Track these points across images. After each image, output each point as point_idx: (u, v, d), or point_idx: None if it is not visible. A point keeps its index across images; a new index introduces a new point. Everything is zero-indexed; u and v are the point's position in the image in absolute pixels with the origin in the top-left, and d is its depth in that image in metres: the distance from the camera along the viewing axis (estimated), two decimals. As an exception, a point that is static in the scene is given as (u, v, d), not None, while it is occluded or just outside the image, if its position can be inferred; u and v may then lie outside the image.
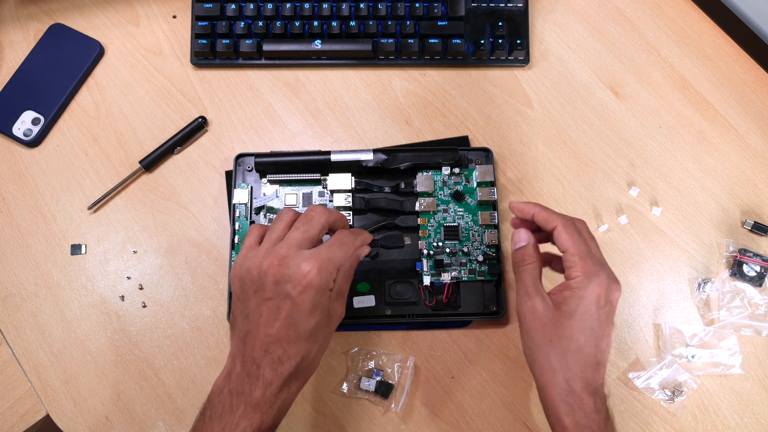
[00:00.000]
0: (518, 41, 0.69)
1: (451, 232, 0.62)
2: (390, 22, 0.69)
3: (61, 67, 0.69)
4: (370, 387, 0.59)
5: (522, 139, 0.68)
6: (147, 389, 0.61)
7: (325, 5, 0.69)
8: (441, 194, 0.64)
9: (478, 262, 0.61)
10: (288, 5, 0.69)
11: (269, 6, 0.69)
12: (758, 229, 0.64)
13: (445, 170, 0.64)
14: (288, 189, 0.64)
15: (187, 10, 0.72)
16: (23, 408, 0.60)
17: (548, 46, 0.72)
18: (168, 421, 0.60)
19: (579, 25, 0.72)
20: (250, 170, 0.65)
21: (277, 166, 0.63)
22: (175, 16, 0.73)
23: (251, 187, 0.64)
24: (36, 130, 0.67)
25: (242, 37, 0.69)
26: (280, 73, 0.71)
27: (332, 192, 0.63)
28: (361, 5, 0.69)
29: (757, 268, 0.62)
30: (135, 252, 0.65)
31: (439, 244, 0.62)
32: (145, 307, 0.63)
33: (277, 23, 0.69)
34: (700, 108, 0.69)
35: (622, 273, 0.64)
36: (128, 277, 0.64)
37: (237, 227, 0.63)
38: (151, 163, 0.67)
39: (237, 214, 0.63)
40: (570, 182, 0.67)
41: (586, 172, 0.67)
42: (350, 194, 0.63)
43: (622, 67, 0.71)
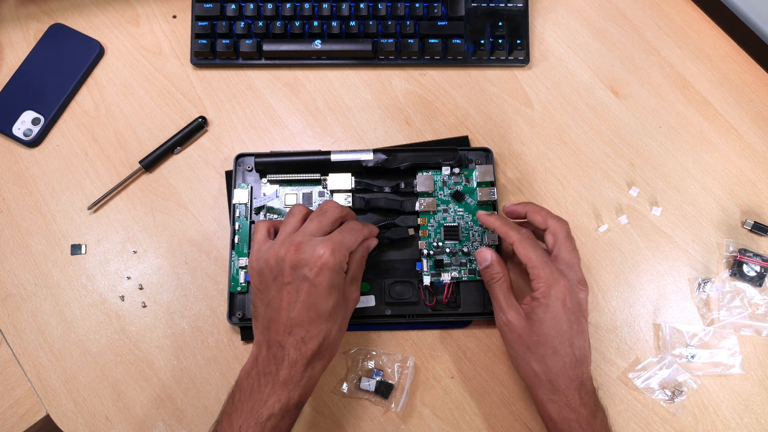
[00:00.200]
0: (518, 41, 0.69)
1: (451, 232, 0.62)
2: (390, 22, 0.69)
3: (61, 67, 0.69)
4: (370, 387, 0.59)
5: (522, 139, 0.68)
6: (147, 389, 0.61)
7: (325, 5, 0.69)
8: (441, 194, 0.64)
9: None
10: (288, 5, 0.69)
11: (269, 6, 0.69)
12: (758, 229, 0.64)
13: (445, 170, 0.64)
14: (288, 189, 0.64)
15: (187, 10, 0.72)
16: (23, 408, 0.60)
17: (548, 46, 0.72)
18: (168, 421, 0.60)
19: (579, 25, 0.72)
20: (250, 170, 0.65)
21: (277, 166, 0.63)
22: (175, 16, 0.73)
23: (251, 187, 0.64)
24: (36, 130, 0.67)
25: (242, 37, 0.69)
26: (280, 73, 0.71)
27: (332, 192, 0.63)
28: (361, 5, 0.69)
29: (757, 268, 0.62)
30: (135, 252, 0.65)
31: (439, 244, 0.62)
32: (145, 307, 0.63)
33: (277, 23, 0.69)
34: (700, 108, 0.69)
35: (622, 273, 0.64)
36: (128, 277, 0.64)
37: (237, 227, 0.63)
38: (151, 163, 0.67)
39: (237, 214, 0.63)
40: (570, 182, 0.67)
41: (586, 172, 0.67)
42: (350, 194, 0.63)
43: (622, 67, 0.71)
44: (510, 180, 0.67)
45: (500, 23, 0.70)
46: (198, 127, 0.68)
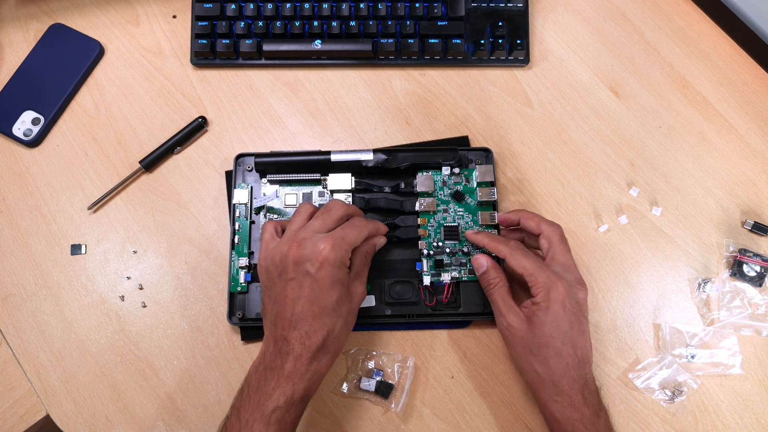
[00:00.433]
0: (518, 41, 0.69)
1: (451, 232, 0.62)
2: (390, 22, 0.69)
3: (61, 67, 0.69)
4: (370, 387, 0.59)
5: (522, 139, 0.68)
6: (147, 389, 0.61)
7: (325, 5, 0.69)
8: (441, 194, 0.64)
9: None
10: (288, 5, 0.69)
11: (269, 6, 0.69)
12: (758, 229, 0.64)
13: (445, 170, 0.64)
14: (288, 189, 0.64)
15: (187, 10, 0.72)
16: (23, 408, 0.60)
17: (548, 46, 0.72)
18: (168, 421, 0.60)
19: (579, 25, 0.72)
20: (250, 170, 0.65)
21: (277, 166, 0.63)
22: (175, 16, 0.73)
23: (251, 187, 0.64)
24: (36, 130, 0.67)
25: (242, 37, 0.69)
26: (280, 73, 0.71)
27: (332, 192, 0.63)
28: (361, 5, 0.69)
29: (757, 268, 0.62)
30: (135, 252, 0.65)
31: (439, 244, 0.62)
32: (145, 307, 0.63)
33: (277, 23, 0.69)
34: (700, 108, 0.69)
35: (622, 273, 0.64)
36: (128, 277, 0.64)
37: (237, 227, 0.63)
38: (151, 163, 0.67)
39: (237, 214, 0.63)
40: (570, 182, 0.67)
41: (586, 172, 0.67)
42: (350, 194, 0.63)
43: (622, 67, 0.71)
44: (510, 180, 0.67)
45: (500, 23, 0.70)
46: (198, 127, 0.68)
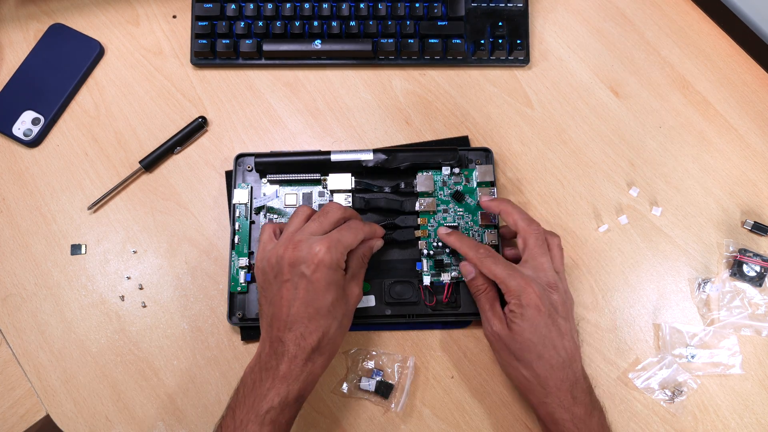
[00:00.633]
0: (518, 41, 0.69)
1: (451, 232, 0.62)
2: (390, 22, 0.69)
3: (61, 67, 0.69)
4: (370, 387, 0.59)
5: (522, 139, 0.68)
6: (147, 389, 0.61)
7: (325, 5, 0.69)
8: (441, 194, 0.64)
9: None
10: (288, 5, 0.69)
11: (269, 6, 0.69)
12: (758, 229, 0.64)
13: (445, 170, 0.64)
14: (288, 189, 0.64)
15: (187, 10, 0.72)
16: (23, 408, 0.60)
17: (548, 46, 0.72)
18: (168, 421, 0.60)
19: (579, 25, 0.72)
20: (250, 170, 0.65)
21: (277, 166, 0.63)
22: (175, 16, 0.73)
23: (251, 187, 0.64)
24: (36, 130, 0.67)
25: (242, 37, 0.69)
26: (280, 73, 0.71)
27: (332, 192, 0.63)
28: (361, 5, 0.69)
29: (757, 268, 0.62)
30: (135, 252, 0.65)
31: (439, 244, 0.62)
32: (145, 307, 0.63)
33: (277, 23, 0.69)
34: (700, 108, 0.69)
35: (622, 273, 0.64)
36: (128, 277, 0.64)
37: (237, 227, 0.63)
38: (151, 163, 0.67)
39: (237, 214, 0.63)
40: (570, 182, 0.67)
41: (586, 172, 0.67)
42: (350, 194, 0.63)
43: (622, 67, 0.71)
44: (510, 180, 0.67)
45: (500, 23, 0.70)
46: (198, 127, 0.68)
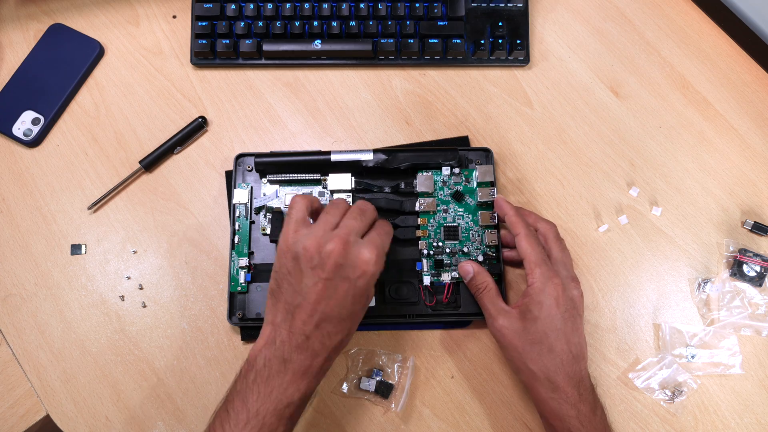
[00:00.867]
0: (518, 41, 0.69)
1: (451, 233, 0.62)
2: (390, 22, 0.69)
3: (61, 67, 0.69)
4: (370, 387, 0.59)
5: (522, 139, 0.68)
6: (147, 389, 0.61)
7: (325, 5, 0.69)
8: (441, 194, 0.64)
9: (478, 262, 0.61)
10: (288, 5, 0.69)
11: (269, 6, 0.69)
12: (758, 229, 0.64)
13: (445, 170, 0.64)
14: (288, 189, 0.64)
15: (187, 10, 0.72)
16: (23, 408, 0.60)
17: (548, 46, 0.72)
18: (168, 421, 0.60)
19: (579, 25, 0.72)
20: (250, 170, 0.65)
21: (277, 167, 0.63)
22: (175, 16, 0.73)
23: (251, 187, 0.64)
24: (36, 130, 0.67)
25: (242, 37, 0.69)
26: (280, 73, 0.71)
27: (332, 192, 0.63)
28: (361, 5, 0.69)
29: (757, 268, 0.62)
30: (135, 252, 0.65)
31: (439, 244, 0.62)
32: (145, 307, 0.63)
33: (277, 23, 0.69)
34: (700, 108, 0.69)
35: (622, 273, 0.64)
36: (128, 277, 0.64)
37: (237, 227, 0.63)
38: (151, 163, 0.67)
39: (237, 214, 0.63)
40: (570, 182, 0.67)
41: (586, 172, 0.67)
42: (350, 194, 0.63)
43: (622, 67, 0.71)
44: (510, 180, 0.67)
45: (500, 23, 0.70)
46: (198, 127, 0.68)
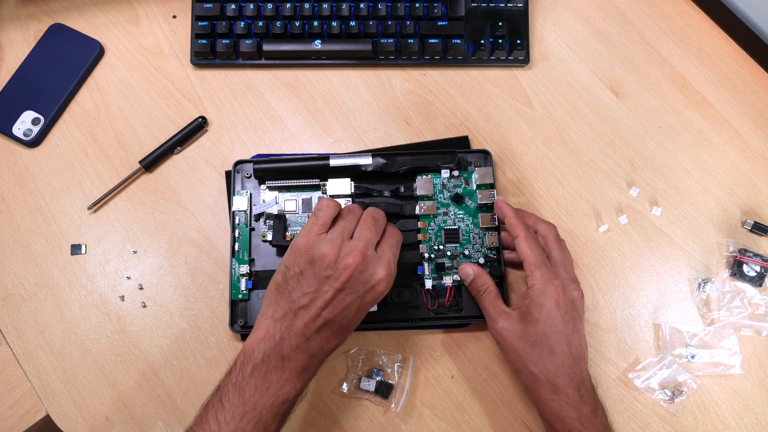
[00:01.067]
0: (518, 41, 0.69)
1: (452, 235, 0.62)
2: (390, 22, 0.69)
3: (61, 67, 0.69)
4: (370, 387, 0.59)
5: (522, 139, 0.68)
6: (147, 389, 0.61)
7: (325, 5, 0.69)
8: (441, 197, 0.64)
9: (480, 264, 0.61)
10: (288, 5, 0.69)
11: (269, 6, 0.69)
12: (758, 229, 0.64)
13: (445, 173, 0.64)
14: (287, 195, 0.64)
15: (187, 10, 0.72)
16: (23, 408, 0.60)
17: (548, 46, 0.71)
18: (168, 421, 0.60)
19: (579, 25, 0.72)
20: (249, 177, 0.64)
21: (276, 173, 0.63)
22: (175, 16, 0.73)
23: (250, 194, 0.63)
24: (36, 130, 0.67)
25: (242, 37, 0.69)
26: (280, 73, 0.71)
27: (332, 197, 0.63)
28: (361, 5, 0.69)
29: (757, 268, 0.62)
30: (135, 252, 0.65)
31: (440, 247, 0.62)
32: (145, 307, 0.63)
33: (277, 23, 0.69)
34: (700, 108, 0.69)
35: (622, 273, 0.64)
36: (128, 277, 0.64)
37: (237, 234, 0.62)
38: (151, 163, 0.67)
39: (237, 221, 0.63)
40: (570, 182, 0.67)
41: (586, 172, 0.67)
42: (350, 199, 0.63)
43: (622, 67, 0.71)
44: (510, 180, 0.67)
45: (500, 23, 0.70)
46: (198, 127, 0.68)
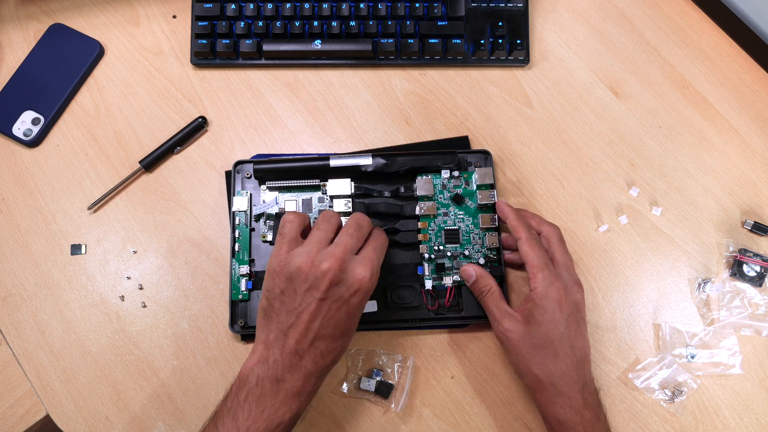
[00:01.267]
0: (518, 41, 0.69)
1: (452, 236, 0.62)
2: (390, 22, 0.69)
3: (61, 67, 0.69)
4: (370, 387, 0.59)
5: (522, 140, 0.68)
6: (147, 389, 0.61)
7: (325, 5, 0.69)
8: (441, 198, 0.64)
9: (480, 265, 0.61)
10: (288, 5, 0.69)
11: (269, 6, 0.69)
12: (758, 229, 0.64)
13: (445, 173, 0.64)
14: (288, 195, 0.64)
15: (187, 10, 0.72)
16: (23, 408, 0.60)
17: (548, 46, 0.71)
18: (168, 421, 0.60)
19: (579, 25, 0.72)
20: (249, 177, 0.64)
21: (276, 173, 0.63)
22: (175, 16, 0.73)
23: (250, 195, 0.63)
24: (36, 130, 0.67)
25: (242, 37, 0.69)
26: (280, 73, 0.71)
27: (332, 197, 0.63)
28: (361, 5, 0.69)
29: (757, 268, 0.62)
30: (135, 252, 0.65)
31: (440, 247, 0.62)
32: (145, 307, 0.63)
33: (277, 23, 0.69)
34: (700, 108, 0.69)
35: (622, 273, 0.64)
36: (128, 277, 0.64)
37: (237, 235, 0.62)
38: (151, 163, 0.67)
39: (237, 222, 0.63)
40: (570, 182, 0.67)
41: (586, 172, 0.67)
42: (350, 199, 0.63)
43: (622, 67, 0.71)
44: (510, 180, 0.67)
45: (500, 23, 0.70)
46: (198, 127, 0.68)
